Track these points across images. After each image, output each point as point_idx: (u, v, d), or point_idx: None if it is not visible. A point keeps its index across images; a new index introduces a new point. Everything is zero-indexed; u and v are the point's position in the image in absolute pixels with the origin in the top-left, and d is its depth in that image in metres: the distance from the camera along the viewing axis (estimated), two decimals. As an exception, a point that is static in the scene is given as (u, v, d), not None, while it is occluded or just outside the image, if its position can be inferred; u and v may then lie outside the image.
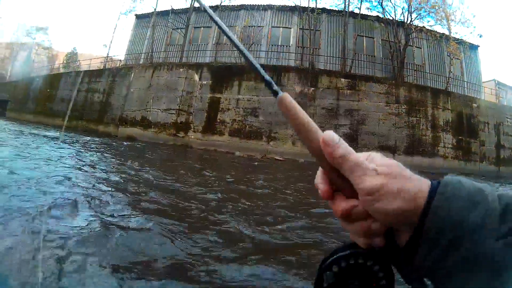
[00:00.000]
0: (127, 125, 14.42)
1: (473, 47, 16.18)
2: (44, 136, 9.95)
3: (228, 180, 5.50)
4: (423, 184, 0.28)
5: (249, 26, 12.75)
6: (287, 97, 0.34)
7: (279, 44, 13.09)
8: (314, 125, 0.32)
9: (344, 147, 0.30)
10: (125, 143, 11.48)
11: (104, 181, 3.97)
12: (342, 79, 11.36)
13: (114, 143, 10.58)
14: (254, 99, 11.49)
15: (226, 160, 9.79)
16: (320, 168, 0.32)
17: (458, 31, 14.29)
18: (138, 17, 17.55)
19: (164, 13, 15.91)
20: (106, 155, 7.15)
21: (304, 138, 0.32)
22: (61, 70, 22.90)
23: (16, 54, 29.09)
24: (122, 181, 4.09)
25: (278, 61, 12.49)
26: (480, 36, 17.01)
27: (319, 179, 0.32)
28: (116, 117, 15.03)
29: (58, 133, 11.69)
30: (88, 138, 11.06)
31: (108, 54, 17.56)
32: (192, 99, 12.70)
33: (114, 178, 4.30)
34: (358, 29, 12.82)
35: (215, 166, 7.83)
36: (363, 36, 13.18)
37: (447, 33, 14.53)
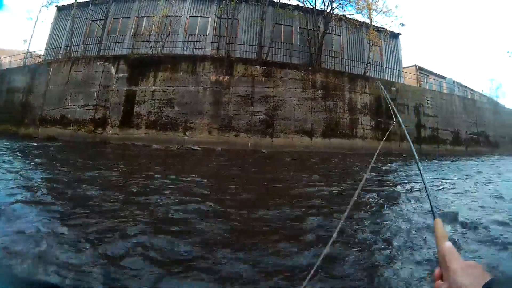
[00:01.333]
0: (47, 125, 13.50)
1: (395, 35, 17.19)
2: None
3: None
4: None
5: (167, 16, 12.39)
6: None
7: (197, 33, 12.92)
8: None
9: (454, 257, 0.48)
10: (34, 143, 10.60)
11: None
12: (258, 67, 11.48)
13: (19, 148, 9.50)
14: (170, 89, 11.24)
15: (143, 154, 9.37)
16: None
17: (379, 20, 15.02)
18: (59, 9, 16.38)
19: (85, 4, 14.99)
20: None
21: None
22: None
23: None
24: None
25: (194, 50, 12.31)
26: (402, 25, 18.15)
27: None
28: (36, 117, 14.01)
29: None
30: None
31: (28, 49, 16.23)
32: (109, 93, 12.14)
33: None
34: (277, 17, 13.01)
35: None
36: (281, 24, 13.41)
37: (368, 21, 15.27)
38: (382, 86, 13.27)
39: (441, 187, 4.98)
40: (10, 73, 16.51)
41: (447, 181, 5.64)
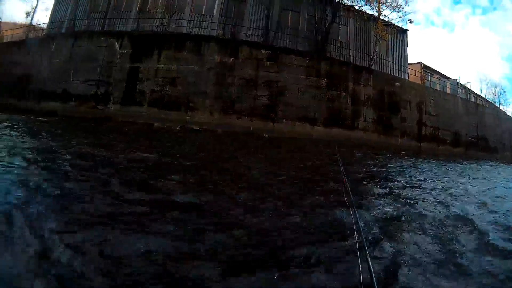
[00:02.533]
0: (48, 100, 13.41)
1: (402, 31, 17.09)
2: None
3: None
4: None
5: (174, -6, 12.24)
6: None
7: (203, 13, 12.76)
8: None
9: None
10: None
11: None
12: (263, 51, 11.39)
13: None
14: (173, 68, 11.15)
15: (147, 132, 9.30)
16: None
17: (387, 15, 14.85)
18: (64, -18, 16.09)
19: (91, -23, 14.72)
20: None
21: None
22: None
23: None
24: None
25: (200, 30, 12.19)
26: (410, 22, 18.01)
27: None
28: (37, 91, 13.91)
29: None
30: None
31: (31, 22, 16.00)
32: (112, 69, 12.03)
33: None
34: (285, 2, 12.87)
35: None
36: (289, 10, 13.28)
37: (376, 15, 15.14)
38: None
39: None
40: (12, 46, 16.33)
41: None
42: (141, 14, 12.80)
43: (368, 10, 15.05)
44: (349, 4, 13.97)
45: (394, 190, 4.34)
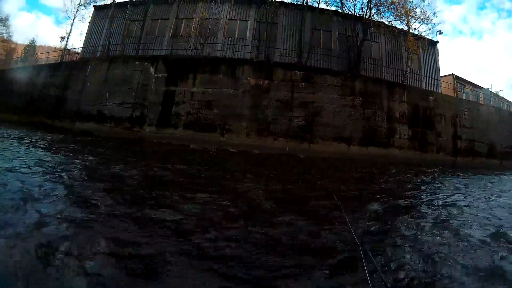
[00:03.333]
0: (83, 120, 13.83)
1: (432, 43, 16.68)
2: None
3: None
4: None
5: (206, 19, 12.46)
6: None
7: (236, 37, 12.90)
8: None
9: None
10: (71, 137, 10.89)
11: None
12: (297, 72, 11.33)
13: (76, 141, 9.83)
14: (209, 91, 11.24)
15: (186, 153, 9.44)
16: None
17: (417, 27, 14.57)
18: (96, 8, 16.84)
19: (123, 5, 15.34)
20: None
21: None
22: (19, 64, 21.68)
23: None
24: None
25: (234, 53, 12.30)
26: (440, 33, 17.57)
27: None
28: (72, 112, 14.39)
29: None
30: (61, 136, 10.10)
31: (65, 47, 16.74)
32: (148, 92, 12.29)
33: None
34: (316, 22, 12.84)
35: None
36: (320, 29, 13.22)
37: (406, 29, 14.87)
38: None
39: None
40: (47, 68, 17.09)
41: None
42: (174, 39, 13.10)
43: (398, 24, 14.81)
44: (379, 20, 13.80)
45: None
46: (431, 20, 14.98)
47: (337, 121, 11.50)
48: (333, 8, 13.40)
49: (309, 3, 12.78)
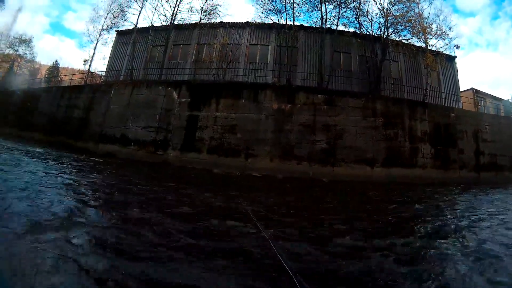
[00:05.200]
0: (107, 142, 14.23)
1: (450, 58, 16.57)
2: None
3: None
4: None
5: (228, 44, 12.82)
6: None
7: (257, 61, 13.20)
8: None
9: None
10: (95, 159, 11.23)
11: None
12: (319, 95, 11.45)
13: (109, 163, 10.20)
14: (232, 116, 11.47)
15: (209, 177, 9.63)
16: None
17: (434, 43, 14.56)
18: (119, 33, 17.54)
19: (145, 30, 15.93)
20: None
21: None
22: (43, 85, 22.64)
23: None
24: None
25: (256, 78, 12.55)
26: (457, 48, 17.46)
27: None
28: (95, 134, 14.83)
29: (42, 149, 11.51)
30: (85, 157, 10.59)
31: (89, 69, 17.45)
32: (171, 116, 12.62)
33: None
34: (335, 45, 13.01)
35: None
36: (340, 52, 13.39)
37: (423, 46, 14.87)
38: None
39: None
40: (71, 90, 17.78)
41: None
42: (196, 64, 13.49)
43: (415, 42, 14.84)
44: (397, 39, 13.87)
45: None
46: (448, 34, 14.97)
47: (360, 143, 11.49)
48: (351, 30, 13.58)
49: (328, 26, 12.96)
